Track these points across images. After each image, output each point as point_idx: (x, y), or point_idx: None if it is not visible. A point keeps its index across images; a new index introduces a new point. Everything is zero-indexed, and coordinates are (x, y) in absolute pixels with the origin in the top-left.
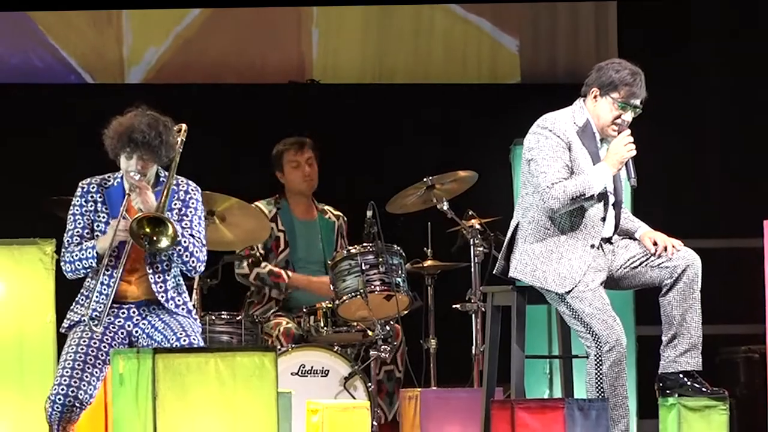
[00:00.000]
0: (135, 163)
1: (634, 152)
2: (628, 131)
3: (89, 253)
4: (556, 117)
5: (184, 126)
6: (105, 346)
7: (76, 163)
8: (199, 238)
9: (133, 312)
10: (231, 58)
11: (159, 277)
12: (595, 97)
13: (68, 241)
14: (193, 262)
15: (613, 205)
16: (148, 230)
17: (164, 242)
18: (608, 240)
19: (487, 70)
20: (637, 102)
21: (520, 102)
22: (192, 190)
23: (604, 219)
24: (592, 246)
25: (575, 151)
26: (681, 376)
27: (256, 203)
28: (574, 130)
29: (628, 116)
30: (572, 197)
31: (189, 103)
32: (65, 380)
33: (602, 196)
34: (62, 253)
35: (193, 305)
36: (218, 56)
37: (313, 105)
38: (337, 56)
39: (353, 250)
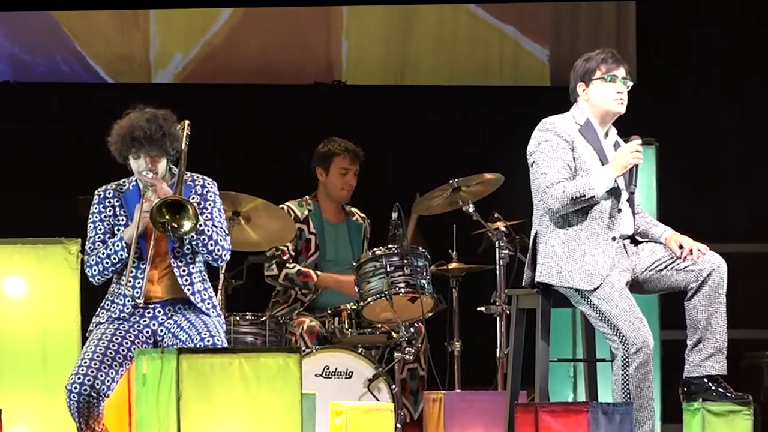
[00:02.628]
0: (144, 161)
1: (641, 161)
2: (639, 141)
3: (117, 245)
4: (556, 118)
5: (186, 122)
6: (128, 343)
7: (104, 164)
8: (222, 228)
9: (159, 311)
10: (257, 66)
11: (184, 270)
12: (584, 91)
13: (90, 247)
14: (218, 250)
15: (627, 200)
16: (168, 216)
17: (187, 225)
18: (632, 241)
19: (516, 78)
20: (623, 73)
21: (548, 105)
22: (208, 183)
23: (620, 210)
24: (614, 239)
25: (579, 147)
26: (705, 380)
27: (288, 203)
28: (575, 128)
29: (620, 86)
30: (572, 197)
31: (215, 103)
32: (83, 370)
33: (615, 191)
34: (86, 259)
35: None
36: (245, 63)
37: (338, 106)
38: (365, 58)
39: (378, 252)
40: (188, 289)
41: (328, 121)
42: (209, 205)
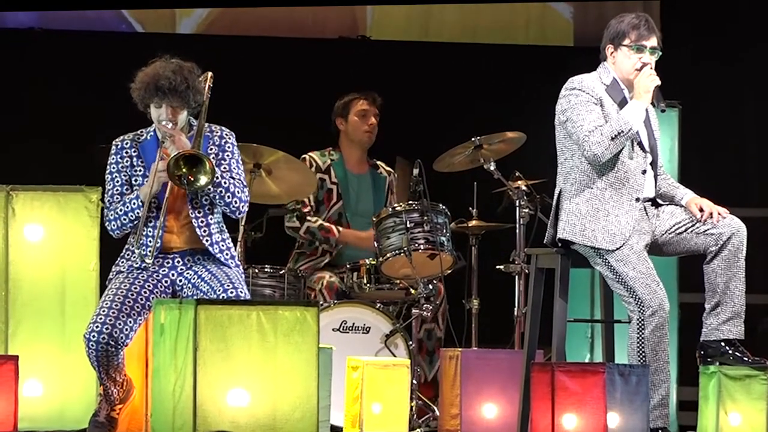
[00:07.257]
0: (165, 111)
1: (658, 81)
2: (649, 65)
3: (134, 203)
4: (583, 77)
5: (209, 73)
6: (146, 293)
7: (127, 113)
8: (240, 179)
9: (178, 261)
10: (283, 14)
11: (202, 221)
12: (612, 54)
13: (109, 200)
14: (235, 202)
15: (651, 164)
16: (185, 170)
17: (203, 179)
18: (654, 203)
19: (541, 36)
20: (653, 43)
21: (570, 64)
22: (226, 134)
23: (644, 172)
24: (637, 200)
25: (606, 107)
26: (723, 344)
27: (310, 154)
28: (602, 88)
29: (648, 58)
30: (611, 137)
31: (238, 55)
32: (101, 318)
33: (639, 153)
34: (105, 213)
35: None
36: (270, 12)
37: (363, 61)
38: (390, 14)
39: (398, 208)
40: (206, 240)
41: (352, 76)
42: (227, 156)
